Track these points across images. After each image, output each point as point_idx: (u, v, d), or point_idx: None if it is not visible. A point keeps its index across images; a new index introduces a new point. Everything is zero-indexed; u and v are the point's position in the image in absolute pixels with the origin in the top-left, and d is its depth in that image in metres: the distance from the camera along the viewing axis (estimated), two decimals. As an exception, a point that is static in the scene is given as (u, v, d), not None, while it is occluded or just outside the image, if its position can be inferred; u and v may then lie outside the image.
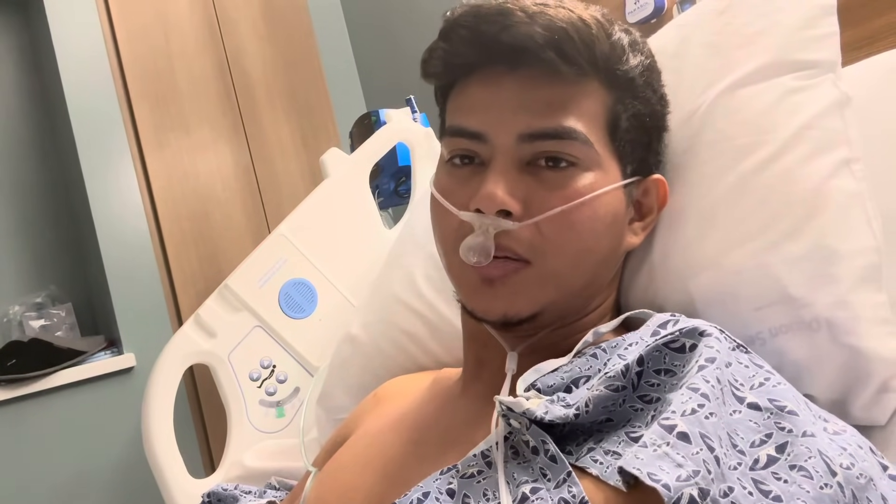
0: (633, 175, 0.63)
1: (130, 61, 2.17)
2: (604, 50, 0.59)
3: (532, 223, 0.57)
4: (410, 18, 2.41)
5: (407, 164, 1.59)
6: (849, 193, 0.62)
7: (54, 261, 2.23)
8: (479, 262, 0.57)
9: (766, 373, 0.51)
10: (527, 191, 0.58)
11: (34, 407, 1.95)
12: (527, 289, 0.59)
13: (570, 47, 0.57)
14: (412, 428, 0.66)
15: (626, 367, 0.51)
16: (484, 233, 0.57)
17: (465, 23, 0.59)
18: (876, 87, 0.74)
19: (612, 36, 0.60)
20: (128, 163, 2.13)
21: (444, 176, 0.63)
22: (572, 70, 0.58)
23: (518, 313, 0.59)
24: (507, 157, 0.58)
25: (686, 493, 0.39)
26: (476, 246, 0.57)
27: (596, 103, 0.60)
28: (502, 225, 0.57)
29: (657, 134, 0.67)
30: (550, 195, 0.58)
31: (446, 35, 0.61)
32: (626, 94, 0.61)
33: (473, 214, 0.58)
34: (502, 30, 0.57)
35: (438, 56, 0.62)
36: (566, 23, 0.57)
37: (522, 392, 0.53)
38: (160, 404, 1.34)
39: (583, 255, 0.60)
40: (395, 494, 0.52)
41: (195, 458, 2.07)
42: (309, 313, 1.44)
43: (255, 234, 2.29)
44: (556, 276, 0.59)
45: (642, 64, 0.63)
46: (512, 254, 0.58)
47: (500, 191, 0.57)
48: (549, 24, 0.57)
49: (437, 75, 0.65)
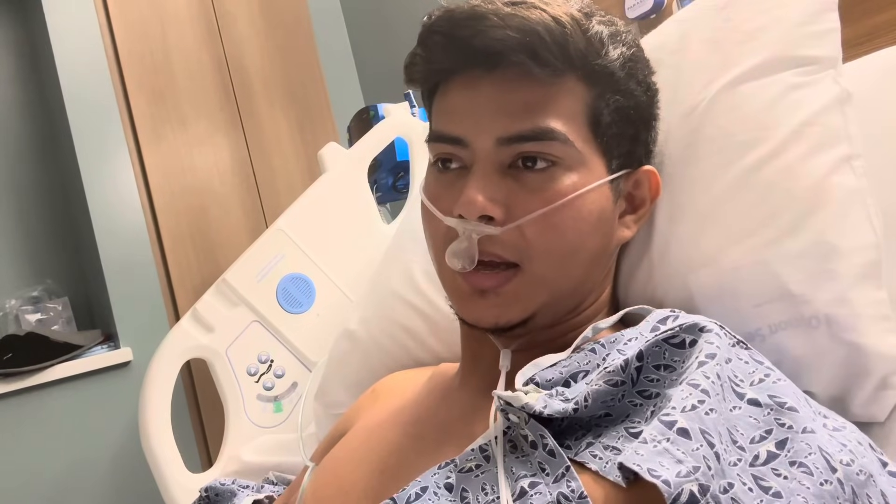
0: (621, 168, 0.63)
1: (127, 55, 2.16)
2: (578, 47, 0.59)
3: (514, 227, 0.57)
4: (408, 13, 2.40)
5: (405, 159, 1.59)
6: (849, 190, 0.62)
7: (51, 255, 2.22)
8: (463, 268, 0.58)
9: (766, 369, 0.51)
10: (508, 194, 0.58)
11: (30, 401, 1.94)
12: (517, 296, 0.59)
13: (543, 48, 0.57)
14: (410, 422, 0.66)
15: (626, 362, 0.51)
16: (468, 238, 0.57)
17: (440, 28, 0.60)
18: (876, 83, 0.74)
19: (588, 31, 0.60)
20: (125, 157, 2.13)
21: (431, 180, 0.64)
22: (546, 71, 0.57)
23: (509, 321, 0.59)
24: (487, 161, 0.58)
25: (686, 488, 0.39)
26: (460, 252, 0.57)
27: (575, 101, 0.59)
28: (485, 230, 0.57)
29: (644, 125, 0.66)
30: (532, 198, 0.58)
31: (423, 41, 0.61)
32: (607, 89, 0.61)
33: (457, 220, 0.58)
34: (475, 35, 0.57)
35: (418, 62, 0.63)
36: (538, 24, 0.57)
37: (521, 386, 0.53)
38: (157, 399, 1.34)
39: (570, 256, 0.59)
40: (393, 488, 0.52)
41: (192, 452, 2.07)
42: (307, 308, 1.44)
43: (252, 228, 2.29)
44: (545, 279, 0.59)
45: (623, 55, 0.62)
46: (496, 258, 0.58)
47: (481, 196, 0.57)
48: (521, 25, 0.56)
49: (418, 81, 0.65)
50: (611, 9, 0.63)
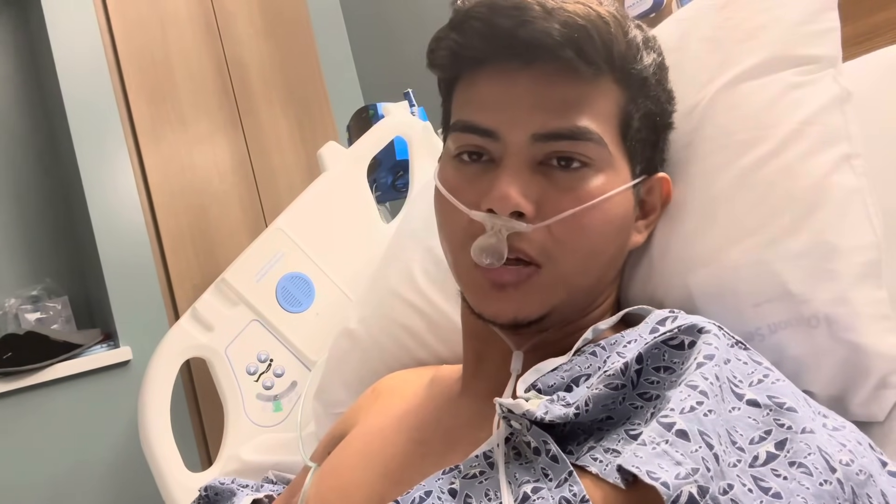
0: (642, 174, 0.63)
1: (127, 55, 2.16)
2: (620, 49, 0.58)
3: (544, 226, 0.56)
4: (409, 12, 2.40)
5: (405, 158, 1.58)
6: (849, 189, 0.62)
7: (50, 254, 2.22)
8: (491, 265, 0.56)
9: (764, 369, 0.51)
10: (539, 192, 0.57)
11: (30, 400, 1.94)
12: (538, 292, 0.58)
13: (590, 46, 0.56)
14: (414, 427, 0.66)
15: (626, 365, 0.50)
16: (496, 234, 0.56)
17: (479, 14, 0.57)
18: (875, 82, 0.74)
19: (628, 34, 0.59)
20: (124, 156, 2.13)
21: (451, 171, 0.62)
22: (590, 69, 0.56)
23: (528, 316, 0.59)
24: (519, 156, 0.57)
25: (685, 490, 0.39)
26: (488, 248, 0.56)
27: (610, 103, 0.59)
28: (515, 227, 0.56)
29: (664, 133, 0.66)
30: (563, 197, 0.57)
31: (458, 26, 0.59)
32: (639, 94, 0.61)
33: (485, 215, 0.57)
34: (519, 25, 0.55)
35: (447, 46, 0.60)
36: (585, 20, 0.56)
37: (522, 393, 0.53)
38: (157, 398, 1.34)
39: (592, 257, 0.59)
40: (396, 493, 0.52)
41: (191, 451, 2.07)
42: (306, 307, 1.44)
43: (251, 227, 2.28)
44: (566, 278, 0.58)
45: (655, 62, 0.62)
46: (524, 255, 0.57)
47: (514, 192, 0.55)
48: (568, 20, 0.55)
49: (443, 66, 0.63)
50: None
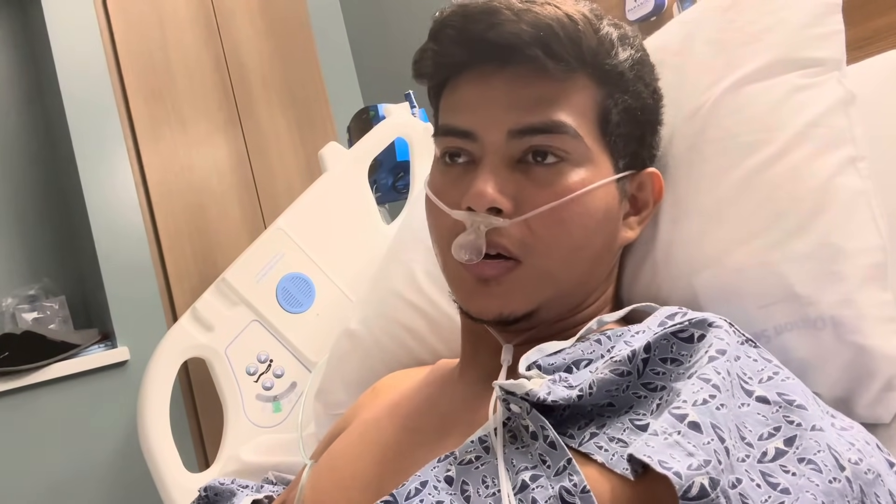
0: (626, 169, 0.63)
1: (126, 54, 2.16)
2: (591, 45, 0.59)
3: (522, 220, 0.58)
4: (408, 12, 2.40)
5: (405, 160, 1.59)
6: (854, 191, 0.62)
7: (48, 253, 2.22)
8: (470, 260, 0.58)
9: (774, 367, 0.51)
10: (517, 188, 0.58)
11: (27, 400, 1.93)
12: (521, 287, 0.59)
13: (557, 44, 0.57)
14: (408, 415, 0.66)
15: (633, 352, 0.51)
16: (475, 231, 0.58)
17: (453, 22, 0.60)
18: (878, 86, 0.74)
19: (599, 31, 0.60)
20: (123, 156, 2.12)
21: (437, 175, 0.64)
22: (559, 66, 0.58)
23: (513, 312, 0.59)
24: (497, 154, 0.59)
25: (697, 481, 0.39)
26: (467, 244, 0.58)
27: (585, 98, 0.60)
28: (493, 222, 0.57)
29: (650, 128, 0.67)
30: (540, 192, 0.58)
31: (435, 35, 0.62)
32: (616, 89, 0.62)
33: (465, 213, 0.58)
34: (489, 28, 0.58)
35: (429, 56, 0.63)
36: (552, 19, 0.57)
37: (524, 370, 0.53)
38: (156, 398, 1.33)
39: (575, 252, 0.60)
40: (393, 482, 0.52)
41: (189, 452, 2.06)
42: (306, 308, 1.44)
43: (250, 228, 2.28)
44: (550, 273, 0.59)
45: (632, 58, 0.63)
46: (503, 250, 0.58)
47: (490, 188, 0.57)
48: (536, 21, 0.57)
49: (428, 75, 0.65)
50: (611, 10, 0.63)
